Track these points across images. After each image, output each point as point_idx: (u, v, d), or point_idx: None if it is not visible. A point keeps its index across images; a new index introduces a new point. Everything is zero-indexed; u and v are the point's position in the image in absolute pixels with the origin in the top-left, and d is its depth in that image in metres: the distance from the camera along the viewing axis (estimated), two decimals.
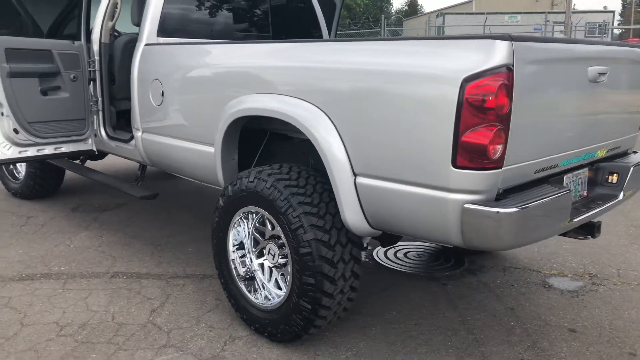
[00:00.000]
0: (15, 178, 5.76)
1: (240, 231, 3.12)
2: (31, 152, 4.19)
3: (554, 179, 2.65)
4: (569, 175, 2.77)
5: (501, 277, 3.94)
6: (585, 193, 2.96)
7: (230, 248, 3.14)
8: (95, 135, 4.54)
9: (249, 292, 3.09)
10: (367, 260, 4.20)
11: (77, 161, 5.16)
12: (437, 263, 4.19)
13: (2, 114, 3.99)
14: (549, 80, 2.36)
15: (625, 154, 3.36)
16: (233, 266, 3.14)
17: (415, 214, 2.39)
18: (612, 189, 3.05)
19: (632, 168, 3.03)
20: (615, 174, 3.04)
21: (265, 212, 2.86)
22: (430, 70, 2.25)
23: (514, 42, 2.12)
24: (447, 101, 2.16)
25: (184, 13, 4.10)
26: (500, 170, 2.22)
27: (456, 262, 4.19)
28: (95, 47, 4.35)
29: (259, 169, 2.93)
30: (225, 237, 3.13)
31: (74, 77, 4.27)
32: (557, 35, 29.78)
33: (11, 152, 4.10)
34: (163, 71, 3.66)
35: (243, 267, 3.13)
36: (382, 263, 4.13)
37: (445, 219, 2.27)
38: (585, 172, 2.94)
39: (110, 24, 4.36)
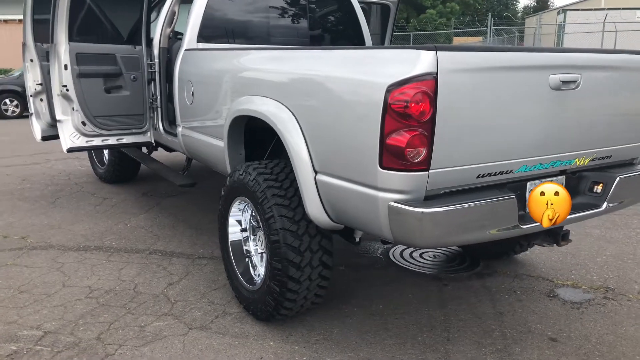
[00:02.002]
0: (103, 164, 6.63)
1: (246, 217, 3.46)
2: (97, 141, 4.88)
3: (513, 185, 2.70)
4: (536, 182, 2.78)
5: (508, 282, 3.92)
6: None
7: (229, 232, 3.50)
8: (155, 129, 5.13)
9: (241, 273, 3.43)
10: (380, 257, 4.37)
11: (145, 151, 5.84)
12: (451, 264, 4.25)
13: (73, 109, 4.70)
14: (490, 88, 2.43)
15: (629, 164, 3.24)
16: (231, 249, 3.50)
17: (357, 210, 2.59)
18: (595, 199, 2.99)
19: (618, 178, 2.95)
20: (600, 184, 2.98)
21: (250, 202, 3.19)
22: (363, 77, 2.45)
23: (438, 52, 2.25)
24: (375, 106, 2.34)
25: (223, 20, 4.53)
26: (425, 172, 2.35)
27: (471, 265, 4.23)
28: (155, 51, 4.93)
29: (249, 163, 3.27)
30: (226, 223, 3.51)
31: (134, 77, 4.89)
32: None
33: (80, 141, 4.80)
34: (193, 74, 4.12)
35: (240, 250, 3.48)
36: (395, 261, 4.28)
37: (377, 215, 2.45)
38: (562, 180, 2.92)
39: (169, 30, 4.91)
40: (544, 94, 2.60)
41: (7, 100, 14.47)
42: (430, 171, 2.36)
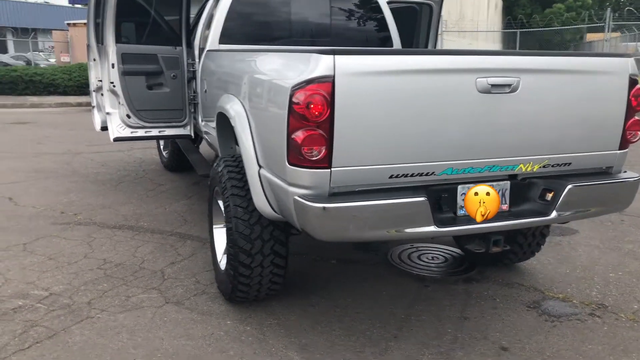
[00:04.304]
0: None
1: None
2: (140, 133, 5.44)
3: (440, 187, 2.72)
4: (470, 185, 2.77)
5: (494, 289, 3.83)
6: (505, 207, 2.87)
7: (213, 219, 3.82)
8: (196, 123, 5.61)
9: (219, 258, 3.73)
10: (375, 255, 4.45)
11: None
12: (446, 267, 4.22)
13: (119, 103, 5.29)
14: (398, 91, 2.48)
15: (604, 173, 3.07)
16: (214, 234, 3.82)
17: (280, 202, 2.77)
18: (544, 207, 2.89)
19: (568, 187, 2.82)
20: (552, 192, 2.87)
21: (220, 191, 3.48)
22: (278, 79, 2.63)
23: (336, 56, 2.37)
24: (283, 106, 2.51)
25: (245, 23, 4.84)
26: (327, 170, 2.47)
27: (466, 269, 4.17)
28: (196, 51, 5.39)
29: (222, 157, 3.55)
30: (211, 210, 3.83)
31: (174, 75, 5.38)
32: None
33: (125, 132, 5.40)
34: (205, 73, 4.50)
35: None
36: (390, 261, 4.32)
37: (290, 207, 2.61)
38: (506, 185, 2.86)
39: (207, 32, 5.35)
40: (469, 97, 2.59)
41: None
42: (332, 169, 2.48)
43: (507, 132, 2.73)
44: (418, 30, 6.22)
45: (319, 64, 2.38)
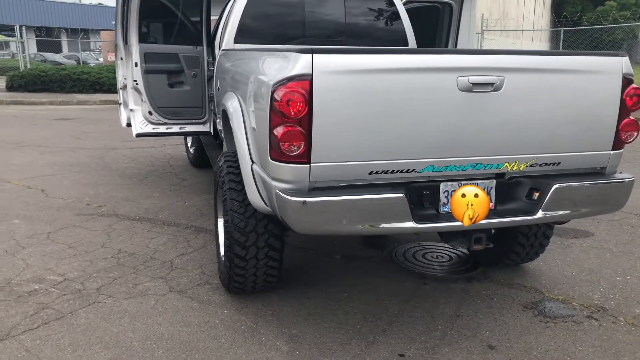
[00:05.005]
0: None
1: None
2: (162, 129, 5.66)
3: (422, 184, 2.76)
4: (453, 183, 2.80)
5: (493, 289, 3.83)
6: (491, 205, 2.88)
7: (218, 212, 3.96)
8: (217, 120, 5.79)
9: (222, 250, 3.87)
10: (381, 252, 4.50)
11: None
12: (450, 266, 4.23)
13: (142, 100, 5.53)
14: (377, 89, 2.53)
15: (597, 173, 3.04)
16: (218, 227, 3.96)
17: (268, 196, 2.87)
18: (530, 206, 2.89)
19: (555, 186, 2.81)
20: (539, 191, 2.87)
21: (220, 185, 3.61)
22: (264, 76, 2.72)
23: (314, 55, 2.45)
24: (266, 103, 2.61)
25: (259, 22, 4.96)
26: (306, 165, 2.56)
27: (469, 268, 4.18)
28: (216, 51, 5.56)
29: (225, 152, 3.69)
30: (216, 203, 3.97)
31: (194, 74, 5.57)
32: None
33: (147, 128, 5.62)
34: (219, 71, 4.65)
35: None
36: (394, 259, 4.36)
37: (273, 201, 2.71)
38: (492, 184, 2.87)
39: (224, 31, 5.51)
40: (450, 96, 2.63)
41: None
42: (312, 165, 2.56)
43: (492, 130, 2.74)
44: (440, 30, 6.22)
45: (298, 63, 2.47)
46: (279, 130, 2.53)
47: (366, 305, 3.59)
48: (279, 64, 2.62)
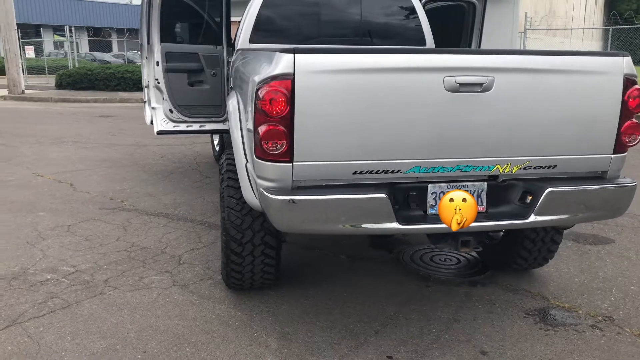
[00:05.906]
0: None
1: None
2: (182, 126, 5.78)
3: (408, 185, 2.73)
4: (441, 184, 2.76)
5: (497, 295, 3.74)
6: (482, 208, 2.83)
7: (221, 209, 4.02)
8: None
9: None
10: (388, 253, 4.46)
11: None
12: (457, 269, 4.17)
13: (163, 99, 5.66)
14: (361, 89, 2.52)
15: (598, 177, 2.93)
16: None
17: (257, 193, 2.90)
18: (522, 209, 2.82)
19: (547, 190, 2.73)
20: (531, 195, 2.79)
21: (219, 182, 3.67)
22: (252, 76, 2.75)
23: (296, 55, 2.47)
24: (252, 102, 2.64)
25: (274, 22, 5.01)
26: (289, 164, 2.57)
27: (477, 272, 4.10)
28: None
29: (228, 150, 3.74)
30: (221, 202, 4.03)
31: (214, 73, 5.66)
32: None
33: (168, 126, 5.76)
34: (233, 70, 4.71)
35: None
36: (401, 260, 4.32)
37: (260, 198, 2.74)
38: (482, 186, 2.82)
39: (242, 31, 5.58)
40: (437, 96, 2.59)
41: None
42: (294, 163, 2.58)
43: (481, 132, 2.68)
44: (466, 29, 6.12)
45: (280, 62, 2.48)
46: (262, 129, 2.55)
47: (363, 306, 3.57)
48: (266, 64, 2.65)
